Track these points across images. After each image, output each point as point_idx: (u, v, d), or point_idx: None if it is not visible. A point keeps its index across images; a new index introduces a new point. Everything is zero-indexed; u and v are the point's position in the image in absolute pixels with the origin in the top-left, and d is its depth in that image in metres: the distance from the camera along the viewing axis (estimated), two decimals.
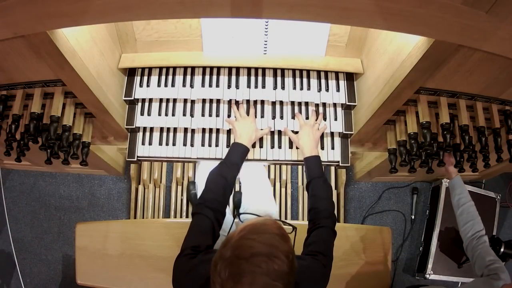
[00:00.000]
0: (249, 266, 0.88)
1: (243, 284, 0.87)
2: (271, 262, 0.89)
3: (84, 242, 1.76)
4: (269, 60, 1.61)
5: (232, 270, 0.89)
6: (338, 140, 1.70)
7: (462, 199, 1.59)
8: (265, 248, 0.91)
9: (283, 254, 0.92)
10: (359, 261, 1.78)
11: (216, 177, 1.39)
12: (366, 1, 0.90)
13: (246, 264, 0.89)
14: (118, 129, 1.67)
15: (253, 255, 0.90)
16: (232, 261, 0.90)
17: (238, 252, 0.91)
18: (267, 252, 0.90)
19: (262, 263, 0.89)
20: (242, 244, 0.92)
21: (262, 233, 0.95)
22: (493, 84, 1.34)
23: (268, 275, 0.88)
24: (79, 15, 0.99)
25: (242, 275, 0.88)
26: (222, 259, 0.92)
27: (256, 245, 0.91)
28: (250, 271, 0.88)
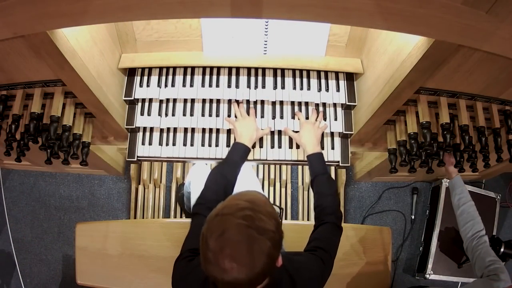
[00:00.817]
0: (234, 219, 0.89)
1: (228, 238, 0.88)
2: (257, 219, 0.90)
3: (84, 242, 1.76)
4: (269, 60, 1.61)
5: (218, 227, 0.89)
6: (338, 140, 1.70)
7: (462, 199, 1.59)
8: (250, 205, 0.92)
9: (269, 215, 0.93)
10: (359, 261, 1.78)
11: (217, 177, 1.39)
12: (366, 1, 0.90)
13: (231, 218, 0.89)
14: (118, 129, 1.67)
15: (239, 209, 0.90)
16: (218, 219, 0.91)
17: (224, 210, 0.92)
18: (252, 209, 0.91)
19: (247, 217, 0.89)
20: (228, 204, 0.94)
21: (248, 195, 0.97)
22: (493, 84, 1.34)
23: (253, 229, 0.88)
24: (79, 15, 0.99)
25: (227, 229, 0.88)
26: (209, 221, 0.92)
27: (242, 203, 0.92)
28: (235, 224, 0.88)
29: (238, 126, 1.56)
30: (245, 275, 0.88)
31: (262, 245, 0.89)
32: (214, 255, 0.88)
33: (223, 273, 0.88)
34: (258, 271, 0.89)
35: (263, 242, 0.89)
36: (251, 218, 0.89)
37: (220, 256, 0.88)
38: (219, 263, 0.88)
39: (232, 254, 0.87)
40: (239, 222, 0.89)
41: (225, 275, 0.88)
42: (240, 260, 0.88)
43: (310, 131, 1.56)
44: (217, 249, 0.88)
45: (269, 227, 0.91)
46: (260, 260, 0.89)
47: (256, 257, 0.88)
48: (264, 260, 0.89)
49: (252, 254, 0.88)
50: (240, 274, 0.88)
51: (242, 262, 0.88)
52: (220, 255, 0.88)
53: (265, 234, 0.89)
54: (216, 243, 0.88)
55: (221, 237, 0.88)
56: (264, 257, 0.89)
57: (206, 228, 0.92)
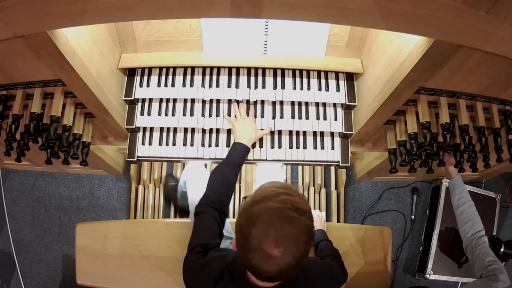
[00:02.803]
0: (274, 204, 0.91)
1: (271, 222, 0.90)
2: (295, 202, 0.93)
3: (84, 242, 1.76)
4: (269, 60, 1.61)
5: (259, 214, 0.91)
6: (338, 140, 1.70)
7: (462, 199, 1.59)
8: (285, 190, 0.96)
9: (303, 197, 0.98)
10: (359, 261, 1.78)
11: (219, 177, 1.40)
12: (366, 1, 0.90)
13: (271, 204, 0.92)
14: (118, 129, 1.67)
15: (275, 195, 0.94)
16: (257, 206, 0.93)
17: (261, 197, 0.95)
18: (288, 193, 0.95)
19: (286, 201, 0.92)
20: (263, 191, 0.97)
21: (278, 182, 1.03)
22: (493, 84, 1.34)
23: (293, 211, 0.91)
24: (79, 15, 0.99)
25: (269, 214, 0.91)
26: (247, 211, 0.94)
27: (276, 189, 0.96)
28: (275, 208, 0.91)
29: (237, 127, 1.56)
30: (292, 257, 0.91)
31: (304, 224, 0.92)
32: (259, 242, 0.90)
33: (269, 260, 0.90)
34: (302, 252, 0.92)
35: (304, 221, 0.92)
36: (289, 201, 0.92)
37: (266, 242, 0.89)
38: (265, 249, 0.89)
39: (277, 237, 0.89)
40: (279, 206, 0.91)
41: (271, 262, 0.90)
42: (286, 243, 0.90)
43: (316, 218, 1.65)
44: (262, 235, 0.89)
45: (306, 207, 0.95)
46: (303, 240, 0.92)
47: (300, 238, 0.91)
48: (306, 239, 0.92)
49: (297, 235, 0.91)
50: (287, 257, 0.90)
51: (289, 244, 0.90)
52: (266, 241, 0.89)
53: (305, 214, 0.93)
54: (259, 229, 0.90)
55: (264, 223, 0.90)
56: (306, 237, 0.92)
57: (245, 219, 0.94)
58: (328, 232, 1.72)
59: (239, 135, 1.54)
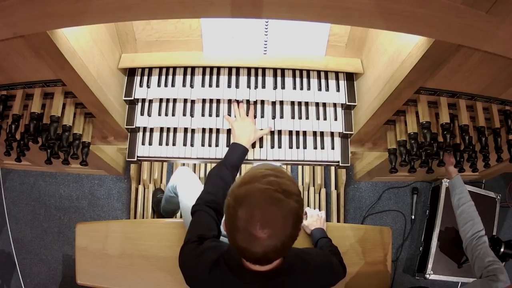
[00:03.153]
0: (260, 185, 0.91)
1: (257, 203, 0.89)
2: (282, 183, 0.92)
3: (84, 242, 1.76)
4: (269, 60, 1.61)
5: (245, 195, 0.91)
6: (338, 140, 1.70)
7: (462, 199, 1.59)
8: (273, 172, 0.95)
9: (292, 180, 0.96)
10: (359, 261, 1.78)
11: (215, 179, 1.39)
12: (366, 1, 0.90)
13: (257, 185, 0.91)
14: (118, 129, 1.67)
15: (263, 176, 0.93)
16: (244, 187, 0.93)
17: (248, 179, 0.94)
18: (276, 175, 0.94)
19: (273, 182, 0.92)
20: (251, 173, 0.97)
21: (269, 164, 1.02)
22: (493, 84, 1.34)
23: (280, 192, 0.91)
24: (79, 15, 0.99)
25: (255, 195, 0.90)
26: (234, 192, 0.94)
27: (265, 171, 0.96)
28: (262, 189, 0.91)
29: (237, 127, 1.56)
30: (278, 240, 0.90)
31: (291, 207, 0.91)
32: (245, 223, 0.89)
33: (254, 241, 0.90)
34: (288, 234, 0.91)
35: (291, 204, 0.91)
36: (276, 183, 0.92)
37: (252, 223, 0.89)
38: (251, 230, 0.89)
39: (263, 219, 0.89)
40: (266, 187, 0.91)
41: (256, 243, 0.89)
42: (271, 224, 0.89)
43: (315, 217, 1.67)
44: (247, 216, 0.89)
45: (294, 190, 0.94)
46: (290, 222, 0.91)
47: (286, 220, 0.90)
48: (292, 222, 0.91)
49: (283, 217, 0.90)
50: (272, 239, 0.90)
51: (274, 226, 0.89)
52: (251, 222, 0.89)
53: (292, 197, 0.92)
54: (245, 210, 0.90)
55: (250, 204, 0.90)
56: (293, 219, 0.91)
57: (232, 199, 0.94)
58: (328, 232, 1.72)
59: (238, 136, 1.54)
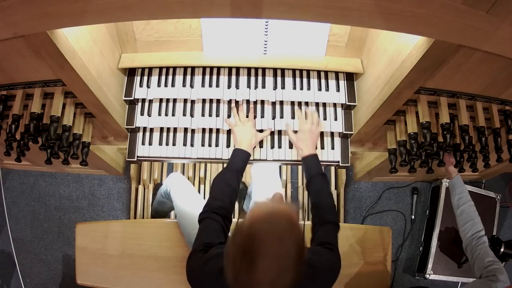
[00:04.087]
0: (263, 249, 0.92)
1: (257, 265, 0.90)
2: (282, 247, 0.93)
3: (84, 242, 1.76)
4: (269, 60, 1.61)
5: (244, 255, 0.93)
6: (338, 140, 1.70)
7: (462, 199, 1.59)
8: (275, 239, 0.95)
9: (294, 242, 0.96)
10: (359, 261, 1.78)
11: (221, 184, 1.39)
12: (366, 1, 0.90)
13: (258, 249, 0.92)
14: (118, 129, 1.67)
15: (263, 241, 0.94)
16: (244, 248, 0.94)
17: (250, 240, 0.94)
18: (278, 241, 0.94)
19: (274, 248, 0.93)
20: (253, 233, 0.96)
21: (273, 223, 0.98)
22: (493, 84, 1.34)
23: (280, 258, 0.92)
24: (79, 15, 0.99)
25: (256, 257, 0.91)
26: (234, 245, 0.95)
27: (266, 238, 0.95)
28: (264, 253, 0.92)
29: (238, 132, 1.56)
30: None
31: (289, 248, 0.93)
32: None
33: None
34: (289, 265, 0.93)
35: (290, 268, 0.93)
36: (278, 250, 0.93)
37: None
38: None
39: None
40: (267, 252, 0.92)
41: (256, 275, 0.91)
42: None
43: (307, 135, 1.56)
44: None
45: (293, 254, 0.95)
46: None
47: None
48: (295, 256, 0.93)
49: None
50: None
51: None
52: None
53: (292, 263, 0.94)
54: (242, 267, 0.92)
55: (248, 261, 0.91)
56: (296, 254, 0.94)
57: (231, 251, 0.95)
58: None
59: (239, 140, 1.53)
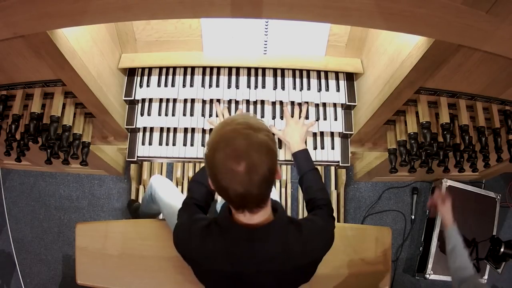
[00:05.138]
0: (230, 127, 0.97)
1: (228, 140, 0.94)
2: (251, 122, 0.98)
3: (84, 242, 1.76)
4: (269, 60, 1.61)
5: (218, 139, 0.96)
6: (338, 140, 1.70)
7: (457, 248, 1.55)
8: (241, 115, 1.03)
9: (259, 120, 1.03)
10: (359, 261, 1.78)
11: (197, 185, 1.38)
12: (366, 1, 0.91)
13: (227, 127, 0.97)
14: (118, 129, 1.67)
15: (232, 120, 0.99)
16: (215, 134, 0.98)
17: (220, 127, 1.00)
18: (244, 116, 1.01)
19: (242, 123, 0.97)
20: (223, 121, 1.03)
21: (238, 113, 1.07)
22: (493, 84, 1.35)
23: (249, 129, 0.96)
24: (79, 15, 0.99)
25: (226, 135, 0.95)
26: (209, 141, 0.99)
27: (235, 116, 1.03)
28: (231, 129, 0.96)
29: None
30: (256, 174, 0.93)
31: (261, 139, 0.95)
32: (223, 161, 0.93)
33: (234, 178, 0.93)
34: (265, 169, 0.94)
35: (260, 137, 0.95)
36: (244, 122, 0.97)
37: (228, 160, 0.93)
38: (229, 166, 0.92)
39: (235, 152, 0.92)
40: (235, 127, 0.96)
41: (237, 179, 0.93)
42: (246, 157, 0.92)
43: (293, 128, 1.56)
44: (223, 155, 0.93)
45: (263, 126, 0.99)
46: (263, 154, 0.94)
47: (259, 152, 0.94)
48: (266, 154, 0.94)
49: (255, 149, 0.93)
50: (251, 173, 0.93)
51: (248, 158, 0.93)
52: (227, 159, 0.93)
53: (261, 132, 0.96)
54: (221, 151, 0.93)
55: (224, 144, 0.94)
56: (266, 151, 0.95)
57: (209, 149, 0.97)
58: None
59: None
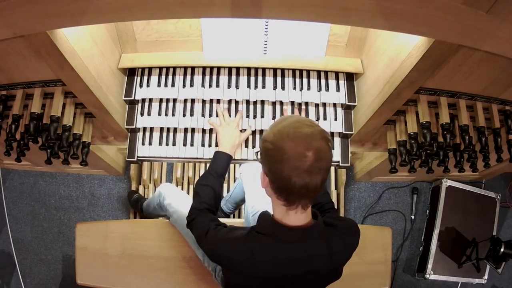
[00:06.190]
0: (289, 120, 1.01)
1: (295, 131, 0.97)
2: (303, 118, 1.05)
3: (84, 242, 1.76)
4: (269, 60, 1.61)
5: (281, 129, 0.99)
6: (338, 140, 1.70)
7: None
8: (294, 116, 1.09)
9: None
10: (359, 261, 1.78)
11: (205, 189, 1.38)
12: (366, 1, 0.91)
13: (285, 122, 1.01)
14: (118, 129, 1.67)
15: (287, 117, 1.05)
16: (277, 127, 1.02)
17: (277, 123, 1.04)
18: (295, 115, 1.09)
19: (297, 118, 1.04)
20: (278, 120, 1.06)
21: None
22: (493, 84, 1.35)
23: (307, 122, 1.01)
24: (79, 15, 0.99)
25: (290, 126, 0.99)
26: (268, 136, 1.01)
27: (287, 117, 1.07)
28: (293, 121, 1.00)
29: (220, 133, 1.54)
30: (323, 161, 0.96)
31: (321, 129, 1.00)
32: (292, 148, 0.95)
33: (303, 164, 0.94)
34: (328, 156, 0.98)
35: (320, 128, 1.01)
36: (300, 118, 1.03)
37: (299, 146, 0.95)
38: (299, 151, 0.95)
39: (306, 137, 0.96)
40: (295, 120, 1.01)
41: (306, 164, 0.94)
42: (315, 141, 0.96)
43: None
44: (292, 142, 0.95)
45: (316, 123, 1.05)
46: (326, 142, 0.98)
47: (323, 139, 0.98)
48: (328, 142, 0.99)
49: (319, 137, 0.97)
50: (319, 161, 0.95)
51: (317, 142, 0.96)
52: (299, 146, 0.95)
53: (318, 125, 1.02)
54: (289, 139, 0.96)
55: (289, 133, 0.97)
56: (327, 140, 0.99)
57: (271, 142, 0.99)
58: None
59: (222, 142, 1.52)
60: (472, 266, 2.27)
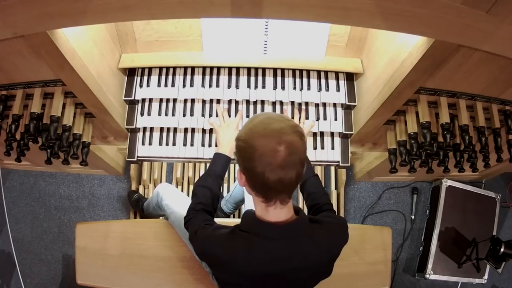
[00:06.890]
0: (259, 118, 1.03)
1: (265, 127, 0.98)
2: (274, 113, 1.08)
3: (84, 242, 1.76)
4: (269, 60, 1.61)
5: (252, 127, 1.00)
6: (338, 140, 1.70)
7: None
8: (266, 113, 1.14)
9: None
10: (359, 261, 1.78)
11: (202, 190, 1.38)
12: (366, 1, 0.91)
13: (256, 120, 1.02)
14: (118, 129, 1.67)
15: (259, 114, 1.07)
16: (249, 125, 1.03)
17: (249, 121, 1.06)
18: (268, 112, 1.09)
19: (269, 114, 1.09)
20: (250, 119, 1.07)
21: None
22: (493, 84, 1.35)
23: (277, 117, 1.02)
24: (79, 15, 0.99)
25: (260, 123, 1.00)
26: (241, 135, 1.02)
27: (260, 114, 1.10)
28: (263, 118, 1.01)
29: (219, 134, 1.54)
30: (296, 155, 0.96)
31: (291, 123, 1.00)
32: (263, 144, 0.96)
33: (275, 157, 0.95)
34: (302, 150, 0.98)
35: (290, 122, 1.01)
36: (273, 114, 1.08)
37: (271, 142, 0.95)
38: (270, 146, 0.95)
39: (276, 132, 0.96)
40: (265, 117, 1.03)
41: (278, 159, 0.94)
42: (285, 135, 0.96)
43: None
44: (263, 138, 0.96)
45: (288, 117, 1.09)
46: (297, 136, 0.98)
47: (293, 133, 0.98)
48: (299, 135, 0.99)
49: (289, 131, 0.97)
50: (292, 155, 0.95)
51: (288, 137, 0.96)
52: (270, 141, 0.95)
53: (289, 120, 1.02)
54: (260, 135, 0.97)
55: (262, 127, 0.98)
56: (298, 133, 0.99)
57: (244, 140, 1.00)
58: None
59: (221, 143, 1.52)
60: (472, 266, 2.27)
